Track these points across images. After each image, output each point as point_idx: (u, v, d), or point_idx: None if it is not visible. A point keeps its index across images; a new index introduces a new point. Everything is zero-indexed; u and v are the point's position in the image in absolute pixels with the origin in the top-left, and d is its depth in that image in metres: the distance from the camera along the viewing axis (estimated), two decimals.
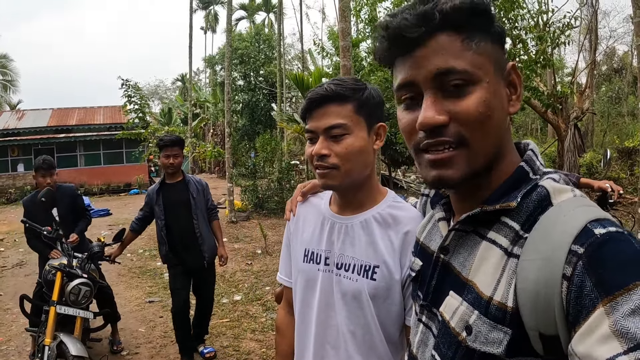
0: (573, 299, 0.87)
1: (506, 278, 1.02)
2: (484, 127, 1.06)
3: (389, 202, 1.87)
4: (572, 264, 0.89)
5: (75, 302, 4.90)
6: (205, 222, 5.75)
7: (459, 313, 1.09)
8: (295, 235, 2.03)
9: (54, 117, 34.75)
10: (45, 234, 5.34)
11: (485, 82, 1.06)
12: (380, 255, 1.76)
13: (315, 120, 1.77)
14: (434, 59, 1.06)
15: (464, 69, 1.05)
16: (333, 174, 1.75)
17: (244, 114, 35.33)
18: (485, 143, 1.08)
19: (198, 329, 6.12)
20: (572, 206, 1.00)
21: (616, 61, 44.03)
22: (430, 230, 1.40)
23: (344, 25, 8.60)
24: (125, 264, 10.82)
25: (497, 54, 1.11)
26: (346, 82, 1.78)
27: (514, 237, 1.05)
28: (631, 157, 19.33)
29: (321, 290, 1.85)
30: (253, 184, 18.19)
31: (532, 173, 1.13)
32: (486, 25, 1.10)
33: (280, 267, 2.16)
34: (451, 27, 1.07)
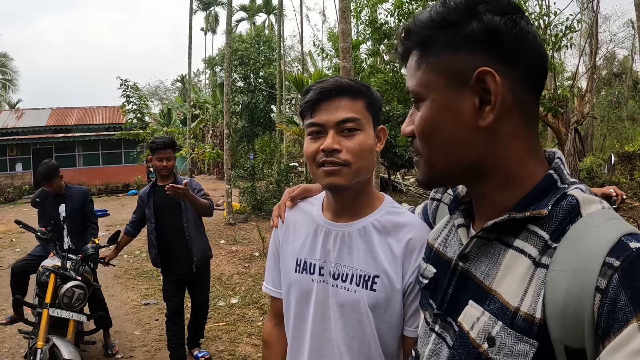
0: (605, 312, 0.84)
1: (534, 288, 0.98)
2: (428, 143, 1.11)
3: (387, 208, 1.78)
4: (606, 276, 0.86)
5: (68, 304, 4.84)
6: (196, 225, 5.64)
7: (481, 323, 1.05)
8: (285, 244, 1.91)
9: (53, 117, 34.78)
10: (39, 235, 5.28)
11: (429, 100, 1.08)
12: (380, 264, 1.67)
13: (325, 113, 1.66)
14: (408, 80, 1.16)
15: (413, 89, 1.12)
16: (344, 171, 1.64)
17: (244, 115, 35.35)
18: (432, 156, 1.12)
19: (193, 333, 6.04)
20: (602, 218, 0.97)
21: (616, 65, 44.12)
22: (447, 236, 1.35)
23: (344, 27, 8.54)
24: (122, 265, 10.76)
25: (456, 62, 1.06)
26: (355, 80, 1.72)
27: (542, 247, 1.01)
28: (631, 161, 19.31)
29: (316, 302, 1.74)
30: (251, 186, 18.10)
31: (560, 182, 1.09)
32: (451, 32, 1.06)
33: (267, 277, 2.04)
34: (416, 45, 1.12)
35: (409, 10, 11.55)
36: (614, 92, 40.11)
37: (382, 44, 13.43)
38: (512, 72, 1.03)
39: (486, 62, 1.02)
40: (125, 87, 23.26)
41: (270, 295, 2.02)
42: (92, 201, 6.44)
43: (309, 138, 1.71)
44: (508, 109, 1.04)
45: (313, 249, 1.79)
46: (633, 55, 41.60)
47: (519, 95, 1.05)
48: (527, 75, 1.05)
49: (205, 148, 23.98)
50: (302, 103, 1.74)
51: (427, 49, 1.08)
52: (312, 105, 1.68)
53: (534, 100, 1.10)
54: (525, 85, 1.06)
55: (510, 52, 1.03)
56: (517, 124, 1.07)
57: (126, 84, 23.25)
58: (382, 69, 13.86)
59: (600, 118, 34.29)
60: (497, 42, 1.03)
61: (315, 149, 1.67)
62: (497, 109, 1.03)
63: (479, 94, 1.04)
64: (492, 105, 1.03)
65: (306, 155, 1.73)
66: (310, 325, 1.76)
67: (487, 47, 1.03)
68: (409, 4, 11.66)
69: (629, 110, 38.41)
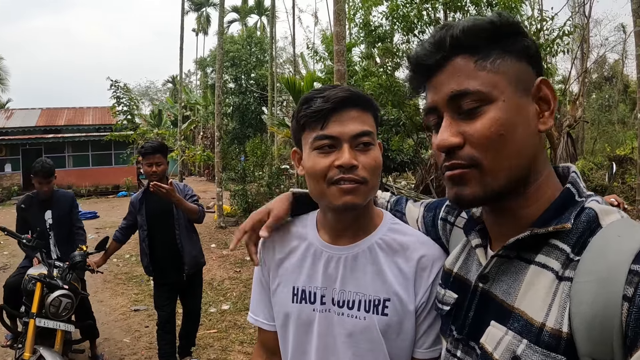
0: (633, 321, 0.83)
1: (558, 302, 0.96)
2: (498, 147, 1.05)
3: (389, 225, 1.65)
4: (633, 284, 0.85)
5: (55, 314, 4.70)
6: (188, 232, 5.51)
7: (504, 343, 1.03)
8: (276, 271, 1.73)
9: (43, 117, 34.59)
10: (25, 242, 5.15)
11: (501, 101, 1.05)
12: (390, 286, 1.54)
13: (339, 125, 1.48)
14: (449, 82, 1.09)
15: (477, 89, 1.05)
16: (361, 190, 1.48)
17: (235, 117, 35.30)
18: (500, 163, 1.05)
19: (184, 341, 5.90)
20: (623, 227, 0.97)
21: (607, 69, 44.45)
22: (466, 259, 1.32)
23: (339, 29, 8.46)
24: (111, 270, 10.64)
25: (519, 70, 1.08)
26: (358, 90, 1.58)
27: (565, 260, 1.00)
28: (622, 165, 19.40)
29: (319, 333, 1.60)
30: (242, 189, 17.97)
31: (578, 195, 1.09)
32: (506, 43, 1.08)
33: (254, 308, 1.84)
34: (465, 50, 1.08)
35: (404, 13, 11.49)
36: (605, 96, 40.40)
37: (376, 47, 13.35)
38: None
39: (537, 73, 1.10)
40: (115, 88, 23.12)
41: (259, 327, 1.85)
42: (77, 206, 6.29)
43: (317, 152, 1.51)
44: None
45: (312, 275, 1.64)
46: (624, 59, 41.89)
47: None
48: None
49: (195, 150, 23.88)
50: (307, 112, 1.52)
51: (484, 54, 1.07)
52: (323, 115, 1.49)
53: None
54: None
55: (541, 70, 1.12)
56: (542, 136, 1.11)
57: (116, 84, 23.11)
58: (375, 72, 13.77)
59: (591, 121, 34.50)
60: (538, 60, 1.12)
61: (327, 165, 1.48)
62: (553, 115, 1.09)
63: (537, 101, 1.09)
64: (552, 111, 1.09)
65: (314, 173, 1.51)
66: (313, 358, 1.62)
67: (534, 62, 1.11)
68: (404, 7, 11.60)
69: (620, 113, 38.75)
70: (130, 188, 30.29)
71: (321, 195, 1.54)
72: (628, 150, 20.83)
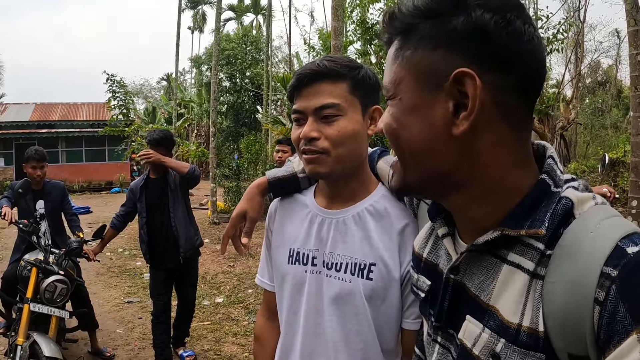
0: (605, 325, 0.81)
1: (532, 301, 0.93)
2: (398, 145, 1.02)
3: (382, 192, 1.69)
4: (604, 288, 0.82)
5: (50, 300, 4.69)
6: (184, 215, 5.49)
7: (482, 341, 1.00)
8: (278, 235, 1.82)
9: (37, 112, 34.44)
10: (22, 227, 5.12)
11: (398, 98, 0.99)
12: (376, 251, 1.58)
13: (305, 99, 1.57)
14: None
15: (386, 84, 1.03)
16: (322, 159, 1.55)
17: (229, 115, 35.26)
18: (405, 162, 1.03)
19: (179, 332, 5.93)
20: (597, 219, 0.91)
21: (600, 74, 44.65)
22: (434, 245, 1.27)
23: (337, 24, 8.47)
24: (105, 263, 10.59)
25: (431, 62, 0.95)
26: (340, 60, 1.60)
27: (539, 258, 0.93)
28: (615, 168, 19.49)
29: (309, 294, 1.65)
30: (236, 185, 17.98)
31: (554, 185, 0.98)
32: (428, 27, 0.95)
33: (261, 269, 1.94)
34: (399, 33, 1.00)
35: None
36: (598, 100, 40.58)
37: (372, 45, 13.35)
38: (499, 75, 0.92)
39: (467, 63, 0.90)
40: (111, 82, 23.02)
41: (264, 288, 1.92)
42: (68, 194, 6.31)
43: (294, 124, 1.64)
44: (490, 115, 0.93)
45: (307, 238, 1.71)
46: (617, 64, 42.07)
47: (506, 101, 0.93)
48: (519, 79, 0.93)
49: (190, 146, 23.79)
50: (287, 87, 1.67)
51: (406, 40, 0.98)
52: (292, 91, 1.62)
53: (525, 106, 0.97)
54: (516, 89, 0.94)
55: (497, 55, 0.91)
56: (502, 132, 0.95)
57: (113, 78, 23.02)
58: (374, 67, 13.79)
59: (584, 125, 34.63)
60: (482, 43, 0.91)
61: (297, 136, 1.60)
62: (474, 115, 0.91)
63: (455, 98, 0.93)
64: (469, 111, 0.91)
65: (293, 142, 1.64)
66: (302, 319, 1.66)
67: (470, 47, 0.91)
68: None
69: (613, 118, 38.93)
70: (124, 184, 30.19)
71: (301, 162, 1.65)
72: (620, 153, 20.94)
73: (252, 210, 1.84)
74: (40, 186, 5.72)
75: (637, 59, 7.85)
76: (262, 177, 1.89)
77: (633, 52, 7.88)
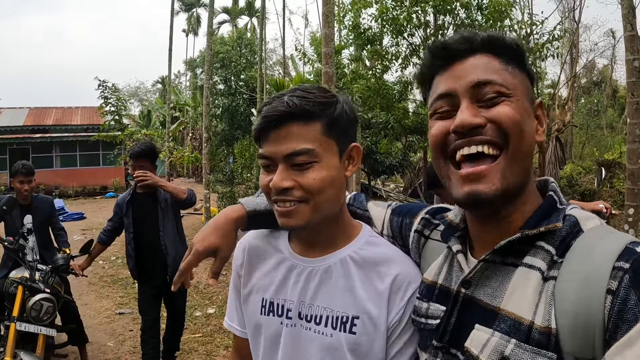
0: (615, 313, 0.88)
1: (545, 301, 1.00)
2: (519, 134, 1.09)
3: (366, 238, 1.55)
4: (617, 278, 0.90)
5: (37, 318, 4.64)
6: (174, 235, 5.42)
7: (491, 345, 1.04)
8: (248, 279, 1.65)
9: (31, 117, 34.34)
10: (6, 245, 5.06)
11: (516, 99, 1.11)
12: (359, 303, 1.44)
13: (273, 144, 1.39)
14: (474, 72, 1.13)
15: (502, 82, 1.11)
16: (300, 209, 1.39)
17: (224, 118, 35.17)
18: (520, 153, 1.10)
19: (168, 345, 5.81)
20: (605, 231, 1.04)
21: (596, 74, 44.73)
22: (449, 269, 1.30)
23: (327, 31, 8.40)
24: (97, 272, 10.55)
25: (528, 85, 1.17)
26: (312, 94, 1.40)
27: (550, 261, 1.04)
28: (610, 169, 19.55)
29: (285, 347, 1.51)
30: (230, 191, 17.92)
31: (559, 203, 1.15)
32: (520, 61, 1.17)
33: (229, 313, 1.77)
34: (491, 51, 1.16)
35: (393, 15, 11.48)
36: (594, 101, 40.65)
37: (365, 50, 13.32)
38: None
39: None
40: (103, 88, 22.97)
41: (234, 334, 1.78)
42: (56, 209, 6.25)
43: (263, 170, 1.46)
44: None
45: (281, 287, 1.56)
46: (613, 64, 42.15)
47: None
48: None
49: (183, 152, 23.72)
50: (254, 128, 1.46)
51: (505, 59, 1.15)
52: (259, 134, 1.43)
53: None
54: None
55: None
56: None
57: (104, 84, 22.97)
58: (364, 75, 13.76)
59: (580, 126, 34.69)
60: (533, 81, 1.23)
61: (266, 184, 1.42)
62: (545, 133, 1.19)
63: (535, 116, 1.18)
64: (544, 129, 1.20)
65: (262, 189, 1.47)
66: None
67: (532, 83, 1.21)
68: (393, 9, 11.60)
69: (608, 118, 39.03)
70: (118, 189, 30.11)
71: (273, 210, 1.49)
72: (616, 154, 20.99)
73: (226, 248, 1.56)
74: (29, 201, 5.66)
75: (634, 64, 7.81)
76: (237, 206, 1.66)
77: (630, 58, 7.84)
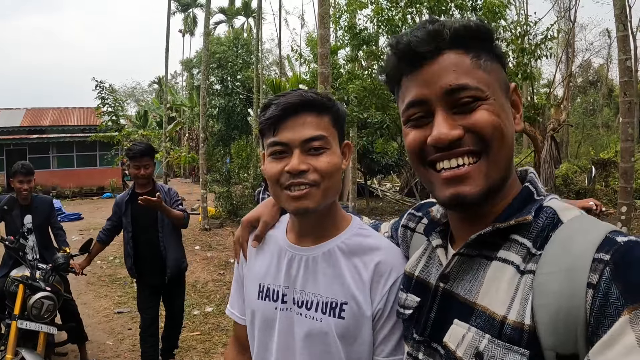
0: (597, 307, 0.84)
1: (521, 295, 0.98)
2: (499, 139, 1.08)
3: (355, 230, 1.65)
4: (598, 271, 0.87)
5: (37, 316, 4.70)
6: (172, 235, 5.51)
7: (467, 340, 1.04)
8: (249, 268, 1.78)
9: (27, 117, 34.23)
10: (7, 244, 5.13)
11: (492, 99, 1.09)
12: (347, 289, 1.54)
13: (290, 131, 1.50)
14: (445, 75, 1.09)
15: (476, 86, 1.08)
16: (312, 193, 1.49)
17: (220, 118, 35.19)
18: (501, 155, 1.09)
19: (167, 343, 5.89)
20: (585, 221, 1.01)
21: (592, 73, 44.79)
22: (427, 262, 1.33)
23: (323, 32, 8.48)
24: (95, 272, 10.58)
25: (501, 74, 1.15)
26: (318, 93, 1.59)
27: (525, 254, 1.02)
28: (606, 168, 19.58)
29: (280, 331, 1.62)
30: (227, 191, 17.96)
31: (537, 194, 1.14)
32: (490, 47, 1.14)
33: (231, 300, 1.90)
34: (460, 46, 1.10)
35: (389, 16, 11.52)
36: (589, 100, 40.71)
37: (361, 50, 13.37)
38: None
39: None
40: (100, 88, 22.98)
41: (234, 320, 1.90)
42: (55, 209, 6.29)
43: (272, 158, 1.55)
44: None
45: (276, 274, 1.66)
46: (608, 63, 42.25)
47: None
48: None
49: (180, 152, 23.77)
50: (262, 119, 1.56)
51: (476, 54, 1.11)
52: (274, 122, 1.53)
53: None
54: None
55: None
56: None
57: (101, 85, 22.97)
58: (360, 75, 13.81)
59: (576, 125, 34.74)
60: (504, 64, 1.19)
61: (279, 171, 1.52)
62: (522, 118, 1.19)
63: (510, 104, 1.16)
64: (521, 114, 1.19)
65: (268, 177, 1.57)
66: (274, 356, 1.63)
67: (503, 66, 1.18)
68: (389, 10, 11.64)
69: (604, 117, 39.10)
70: (115, 190, 30.07)
71: (277, 199, 1.60)
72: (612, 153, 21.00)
73: (268, 214, 1.80)
74: (28, 201, 5.71)
75: (626, 64, 7.90)
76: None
77: (622, 58, 7.92)
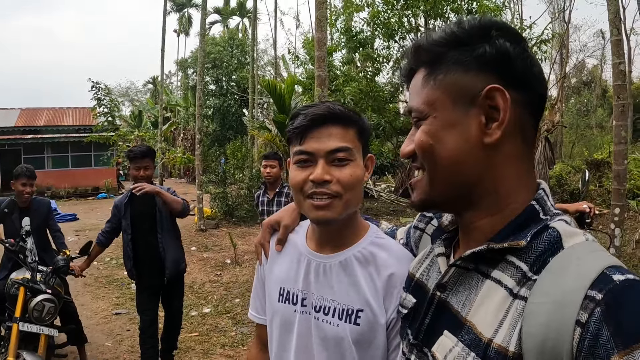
0: (586, 348, 0.82)
1: (510, 321, 0.96)
2: (431, 157, 1.10)
3: (372, 239, 1.71)
4: (588, 309, 0.84)
5: (39, 319, 4.73)
6: (171, 237, 5.54)
7: (454, 354, 1.04)
8: (270, 271, 1.83)
9: (22, 117, 34.10)
10: (8, 247, 5.16)
11: (432, 117, 1.10)
12: (363, 297, 1.60)
13: (316, 141, 1.56)
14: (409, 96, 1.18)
15: (416, 107, 1.13)
16: (334, 204, 1.55)
17: (215, 119, 35.22)
18: (436, 173, 1.11)
19: (166, 344, 5.90)
20: (585, 250, 0.96)
21: (586, 74, 44.90)
22: (428, 266, 1.34)
23: (320, 35, 8.51)
24: (92, 273, 10.57)
25: (464, 81, 1.08)
26: (345, 107, 1.64)
27: (520, 278, 0.99)
28: (600, 169, 19.60)
29: (298, 333, 1.68)
30: (223, 191, 17.99)
31: (543, 213, 1.07)
32: (458, 53, 1.09)
33: (252, 303, 1.97)
34: (424, 63, 1.15)
35: (385, 19, 11.58)
36: (583, 101, 40.83)
37: (357, 53, 13.43)
38: (518, 94, 1.06)
39: (495, 82, 1.05)
40: (96, 89, 22.97)
41: (256, 322, 1.96)
42: (53, 211, 6.31)
43: (297, 166, 1.61)
44: (512, 128, 1.06)
45: (296, 278, 1.72)
46: (602, 64, 42.38)
47: (523, 117, 1.08)
48: (531, 100, 1.08)
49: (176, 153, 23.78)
50: (290, 128, 1.63)
51: (436, 67, 1.11)
52: (301, 131, 1.58)
53: (534, 125, 1.12)
54: (527, 109, 1.08)
55: (517, 76, 1.07)
56: (518, 145, 1.09)
57: (97, 86, 22.96)
58: (356, 77, 13.87)
59: (570, 126, 34.83)
60: (506, 66, 1.06)
61: (303, 179, 1.57)
62: (504, 126, 1.05)
63: (486, 112, 1.06)
64: (500, 121, 1.05)
65: (292, 185, 1.62)
66: (293, 357, 1.70)
67: (496, 69, 1.06)
68: (385, 13, 11.69)
69: (598, 118, 39.20)
70: (110, 190, 30.09)
71: (300, 206, 1.65)
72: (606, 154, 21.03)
73: (288, 218, 1.86)
74: (27, 204, 5.74)
75: (619, 68, 7.94)
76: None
77: (616, 62, 7.96)
